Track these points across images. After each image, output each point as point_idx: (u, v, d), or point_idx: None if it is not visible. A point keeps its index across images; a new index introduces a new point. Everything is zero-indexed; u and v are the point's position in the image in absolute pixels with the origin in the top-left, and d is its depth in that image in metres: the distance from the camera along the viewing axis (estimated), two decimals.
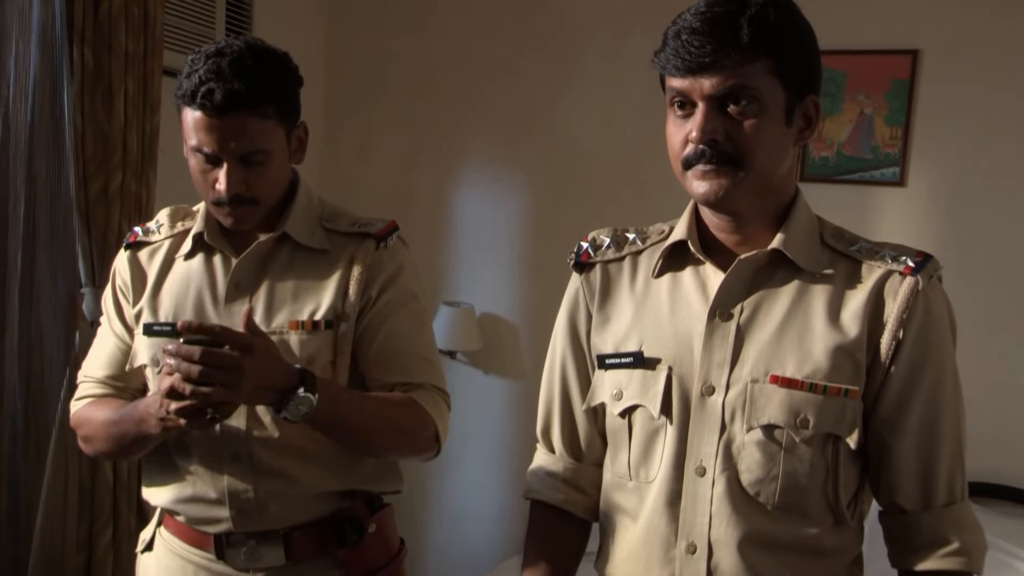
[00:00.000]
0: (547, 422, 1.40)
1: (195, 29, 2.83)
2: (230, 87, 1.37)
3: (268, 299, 1.51)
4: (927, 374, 1.18)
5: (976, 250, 2.80)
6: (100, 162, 2.30)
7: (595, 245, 1.35)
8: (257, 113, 1.40)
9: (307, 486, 1.51)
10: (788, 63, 1.14)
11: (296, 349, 1.48)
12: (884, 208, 2.91)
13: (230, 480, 1.49)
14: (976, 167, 2.83)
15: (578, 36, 3.25)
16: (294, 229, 1.53)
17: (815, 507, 1.19)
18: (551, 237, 3.30)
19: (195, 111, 1.40)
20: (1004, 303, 2.77)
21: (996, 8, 2.79)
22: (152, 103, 2.42)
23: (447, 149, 3.46)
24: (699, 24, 1.12)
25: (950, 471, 1.20)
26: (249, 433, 1.48)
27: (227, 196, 1.43)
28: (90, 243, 2.31)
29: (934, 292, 1.19)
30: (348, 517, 1.54)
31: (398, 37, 3.49)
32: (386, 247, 1.55)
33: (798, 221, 1.22)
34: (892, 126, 2.88)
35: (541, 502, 1.38)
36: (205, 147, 1.41)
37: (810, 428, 1.16)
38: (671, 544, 1.22)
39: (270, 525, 1.51)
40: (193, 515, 1.53)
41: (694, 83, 1.13)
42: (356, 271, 1.51)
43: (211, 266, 1.54)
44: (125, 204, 2.35)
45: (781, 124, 1.16)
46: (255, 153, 1.43)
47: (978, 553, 1.19)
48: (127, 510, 2.44)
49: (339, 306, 1.50)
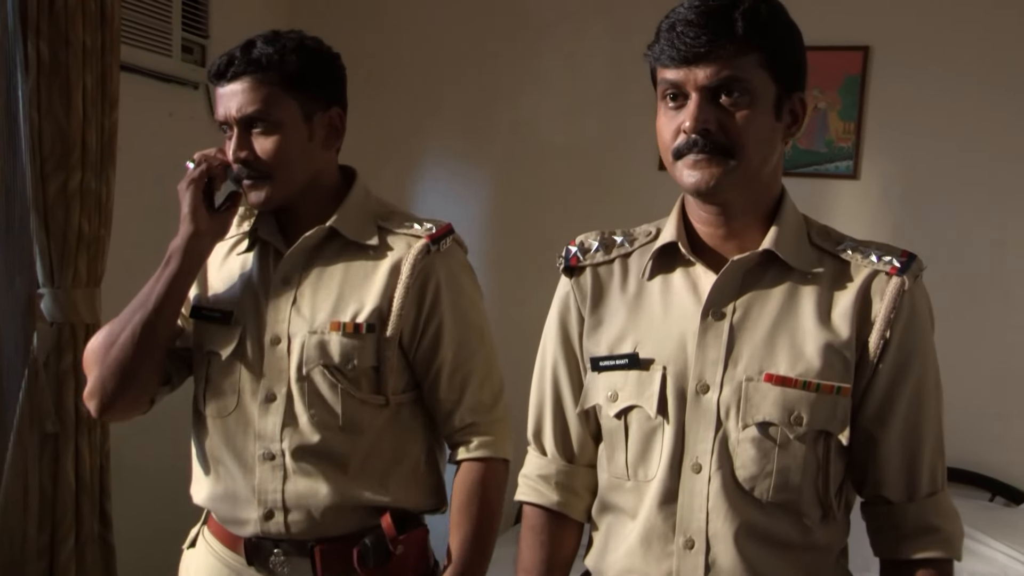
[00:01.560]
0: (539, 425, 1.39)
1: (152, 24, 2.78)
2: (232, 54, 1.45)
3: (312, 295, 1.49)
4: (912, 371, 1.22)
5: (928, 241, 2.86)
6: (58, 160, 2.24)
7: (583, 248, 1.35)
8: (256, 77, 1.43)
9: (339, 495, 1.47)
10: (779, 58, 1.17)
11: (335, 351, 1.46)
12: (838, 200, 2.98)
13: (261, 479, 1.48)
14: (926, 160, 2.91)
15: (539, 31, 3.27)
16: (343, 224, 1.50)
17: (807, 501, 1.22)
18: (513, 232, 3.32)
19: (215, 86, 1.47)
20: (955, 293, 2.85)
21: (944, 6, 2.88)
22: (111, 99, 2.37)
23: (408, 145, 3.45)
24: (694, 16, 1.14)
25: (932, 463, 1.24)
26: (284, 432, 1.47)
27: (232, 161, 1.45)
28: (48, 243, 2.25)
29: (918, 291, 1.23)
30: (375, 536, 1.49)
31: (357, 34, 3.46)
32: (439, 251, 1.51)
33: (787, 220, 1.24)
34: (845, 120, 2.95)
35: (535, 505, 1.38)
36: (218, 115, 1.47)
37: (803, 425, 1.19)
38: (669, 540, 1.23)
39: (297, 534, 1.48)
40: (224, 513, 1.52)
41: (688, 74, 1.15)
42: (404, 274, 1.47)
43: (265, 260, 1.54)
44: (85, 203, 2.29)
45: (771, 117, 1.18)
46: (257, 119, 1.44)
47: (958, 540, 1.23)
48: (90, 516, 2.39)
49: (384, 309, 1.47)
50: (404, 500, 1.52)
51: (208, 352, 1.52)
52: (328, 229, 1.50)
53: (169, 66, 2.86)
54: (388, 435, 1.52)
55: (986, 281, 2.88)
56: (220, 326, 1.51)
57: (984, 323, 2.87)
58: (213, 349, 1.52)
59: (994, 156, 2.87)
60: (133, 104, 2.58)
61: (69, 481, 2.33)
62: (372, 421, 1.50)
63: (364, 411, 1.49)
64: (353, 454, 1.48)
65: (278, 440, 1.47)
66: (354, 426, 1.48)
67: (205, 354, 1.53)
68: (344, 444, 1.48)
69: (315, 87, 1.49)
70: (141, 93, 2.74)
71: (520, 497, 1.39)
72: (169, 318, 1.48)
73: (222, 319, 1.51)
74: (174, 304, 1.47)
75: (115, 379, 1.48)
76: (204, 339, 1.53)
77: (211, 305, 1.53)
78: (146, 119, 2.77)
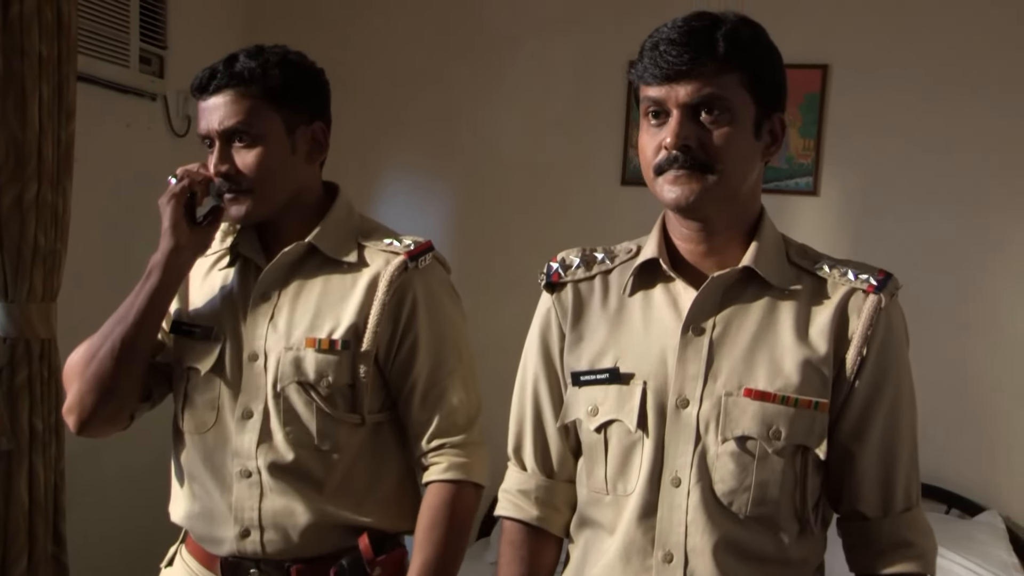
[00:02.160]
0: (519, 440, 1.40)
1: (110, 34, 2.74)
2: (214, 68, 1.45)
3: (289, 312, 1.48)
4: (889, 388, 1.23)
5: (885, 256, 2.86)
6: (13, 172, 2.19)
7: (564, 265, 1.36)
8: (238, 91, 1.43)
9: (315, 514, 1.46)
10: (759, 79, 1.19)
11: (310, 368, 1.45)
12: (798, 216, 3.01)
13: (238, 497, 1.46)
14: (885, 175, 2.97)
15: (502, 45, 3.28)
16: (322, 240, 1.49)
17: (784, 516, 1.23)
18: (476, 246, 3.31)
19: (197, 99, 1.46)
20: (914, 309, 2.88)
21: (901, 26, 2.94)
22: (68, 110, 2.32)
23: (369, 159, 3.43)
24: (676, 36, 1.17)
25: (907, 478, 1.25)
26: (259, 448, 1.46)
27: (214, 175, 1.44)
28: (2, 256, 2.20)
29: (894, 309, 1.26)
30: (352, 557, 1.46)
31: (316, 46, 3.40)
32: (417, 267, 1.49)
33: (766, 238, 1.26)
34: (805, 137, 2.99)
35: (515, 520, 1.38)
36: (199, 129, 1.46)
37: (782, 439, 1.20)
38: (648, 554, 1.24)
39: (273, 553, 1.46)
40: (200, 531, 1.50)
41: (670, 91, 1.17)
42: (381, 290, 1.46)
43: (245, 275, 1.52)
44: (41, 215, 2.25)
45: (750, 136, 1.20)
46: (238, 131, 1.44)
47: (931, 555, 1.25)
48: (44, 536, 2.33)
49: (359, 325, 1.46)
50: (382, 521, 1.51)
51: (187, 368, 1.51)
52: (307, 245, 1.49)
53: (127, 77, 2.83)
54: (365, 455, 1.50)
55: (943, 292, 2.92)
56: (200, 342, 1.50)
57: (938, 334, 2.91)
58: (192, 365, 1.50)
59: (952, 169, 2.93)
60: (90, 115, 2.54)
61: (22, 500, 2.28)
62: (348, 440, 1.48)
63: (340, 430, 1.47)
64: (330, 473, 1.47)
65: (254, 457, 1.46)
66: (330, 445, 1.46)
67: (184, 370, 1.52)
68: (320, 463, 1.46)
69: (298, 101, 1.48)
70: (98, 104, 2.70)
71: (500, 512, 1.40)
72: (149, 332, 1.46)
73: (202, 335, 1.50)
74: (154, 318, 1.46)
75: (94, 394, 1.45)
76: (184, 354, 1.52)
77: (191, 320, 1.52)
78: (103, 130, 2.73)
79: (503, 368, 1.45)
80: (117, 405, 1.48)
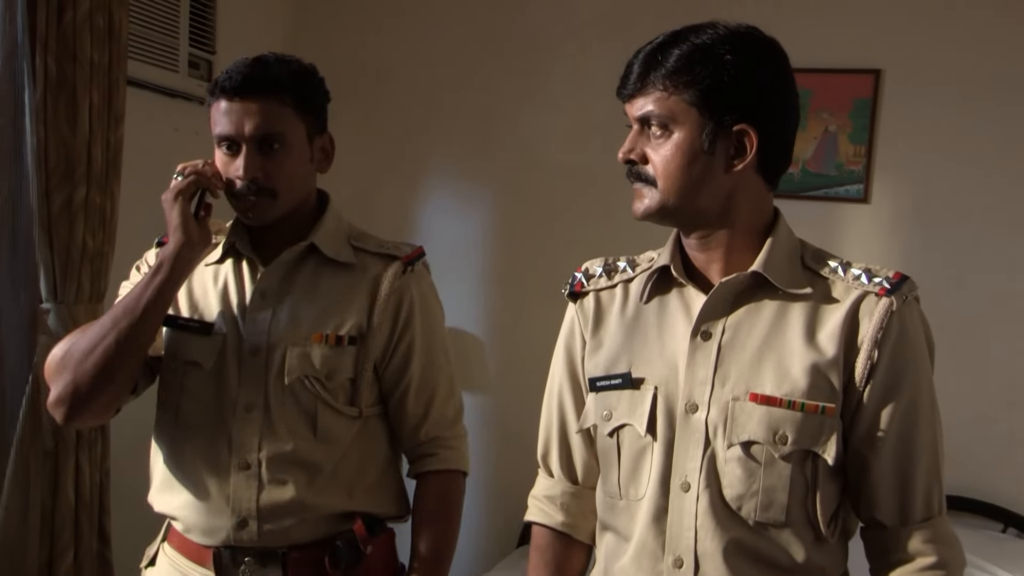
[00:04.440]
0: (546, 447, 1.44)
1: (159, 39, 2.79)
2: (248, 71, 1.47)
3: (292, 310, 1.53)
4: (903, 393, 1.21)
5: (939, 266, 2.85)
6: (63, 175, 2.23)
7: (587, 275, 1.40)
8: (273, 97, 1.47)
9: (311, 503, 1.51)
10: (711, 94, 1.19)
11: (318, 362, 1.51)
12: (848, 224, 2.96)
13: (235, 488, 1.50)
14: (938, 184, 2.89)
15: (543, 48, 3.27)
16: (322, 242, 1.56)
17: (796, 523, 1.22)
18: (516, 251, 3.31)
19: (219, 100, 1.47)
20: (966, 318, 2.83)
21: (955, 29, 2.87)
22: (117, 114, 2.37)
23: (410, 162, 3.45)
24: (634, 57, 1.24)
25: (927, 487, 1.23)
26: (261, 442, 1.50)
27: (244, 179, 1.47)
28: (52, 258, 2.24)
29: (909, 312, 1.23)
30: (346, 539, 1.53)
31: (361, 49, 3.47)
32: (412, 271, 1.59)
33: (778, 243, 1.26)
34: (856, 144, 2.93)
35: (542, 526, 1.42)
36: (225, 130, 1.47)
37: (788, 444, 1.20)
38: (658, 558, 1.25)
39: (269, 542, 1.50)
40: (194, 522, 1.52)
41: (628, 107, 1.25)
42: (383, 292, 1.55)
43: (239, 272, 1.57)
44: (89, 218, 2.29)
45: (698, 151, 1.21)
46: (271, 138, 1.47)
47: (956, 567, 1.22)
48: (89, 532, 2.37)
49: (363, 324, 1.53)
50: (370, 506, 1.58)
51: (186, 362, 1.54)
52: (308, 246, 1.55)
53: (176, 81, 2.87)
54: (357, 446, 1.57)
55: (997, 306, 2.85)
56: (199, 337, 1.53)
57: (994, 349, 2.84)
58: (193, 359, 1.54)
59: (1007, 181, 2.85)
60: (139, 119, 2.59)
61: (68, 497, 2.32)
62: (345, 432, 1.55)
63: (339, 422, 1.55)
64: (325, 463, 1.53)
65: (255, 450, 1.50)
66: (328, 436, 1.53)
67: (182, 364, 1.54)
68: (318, 453, 1.52)
69: (318, 111, 1.55)
70: (147, 108, 2.74)
71: (528, 518, 1.44)
72: (155, 325, 1.49)
73: (201, 330, 1.53)
74: (160, 312, 1.48)
75: (91, 384, 1.45)
76: (180, 349, 1.54)
77: (188, 315, 1.56)
78: (152, 134, 2.77)
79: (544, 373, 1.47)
80: (112, 396, 1.50)
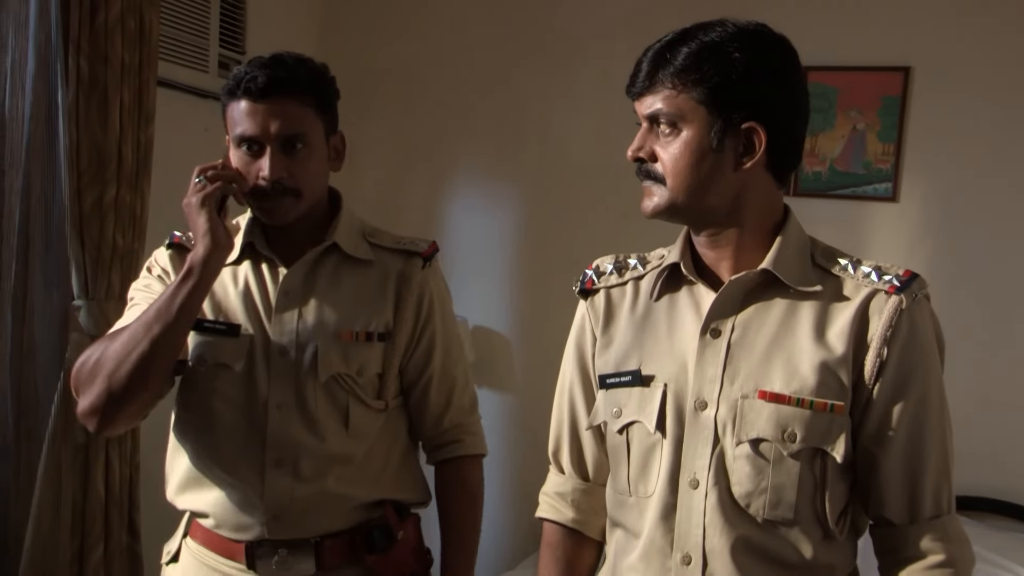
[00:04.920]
0: (557, 444, 1.45)
1: (190, 40, 2.82)
2: (271, 72, 1.48)
3: (319, 309, 1.55)
4: (912, 391, 1.21)
5: (968, 265, 2.82)
6: (94, 174, 2.27)
7: (598, 272, 1.41)
8: (297, 99, 1.48)
9: (343, 494, 1.54)
10: (720, 92, 1.19)
11: (349, 359, 1.54)
12: (876, 223, 2.93)
13: (270, 485, 1.51)
14: (968, 183, 2.85)
15: (571, 47, 3.26)
16: (342, 240, 1.58)
17: (804, 520, 1.22)
18: (543, 250, 3.31)
19: (239, 101, 1.47)
20: (996, 318, 2.79)
21: (986, 25, 2.83)
22: (147, 114, 2.40)
23: (438, 160, 3.46)
24: (643, 55, 1.25)
25: (936, 485, 1.23)
26: (295, 438, 1.52)
27: (270, 179, 1.47)
28: (84, 256, 2.28)
29: (919, 311, 1.22)
30: (378, 524, 1.57)
31: (390, 49, 3.49)
32: (430, 267, 1.62)
33: (788, 241, 1.26)
34: (884, 142, 2.90)
35: (553, 522, 1.43)
36: (249, 131, 1.47)
37: (797, 442, 1.20)
38: (667, 555, 1.25)
39: (303, 533, 1.53)
40: (226, 520, 1.54)
41: (638, 105, 1.26)
42: (407, 289, 1.58)
43: (259, 273, 1.58)
44: (119, 216, 2.33)
45: (706, 149, 1.21)
46: (296, 138, 1.49)
47: (964, 566, 1.22)
48: (119, 526, 2.41)
49: (390, 320, 1.57)
50: (396, 493, 1.62)
51: (216, 364, 1.55)
52: (330, 244, 1.57)
53: (206, 82, 2.90)
54: (383, 437, 1.61)
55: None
56: (226, 338, 1.54)
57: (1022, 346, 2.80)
58: (222, 361, 1.54)
59: None
60: (171, 119, 2.62)
61: (99, 492, 2.36)
62: (372, 425, 1.59)
63: (368, 416, 1.58)
64: (355, 455, 1.56)
65: (289, 446, 1.52)
66: (358, 430, 1.56)
67: (211, 366, 1.55)
68: (349, 446, 1.55)
69: (333, 110, 1.57)
70: (178, 109, 2.78)
71: (539, 514, 1.45)
72: (187, 330, 1.51)
73: (228, 331, 1.54)
74: (192, 316, 1.49)
75: (126, 391, 1.44)
76: (208, 351, 1.55)
77: (213, 317, 1.56)
78: (183, 134, 2.80)
79: None
80: (144, 403, 1.50)
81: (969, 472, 2.69)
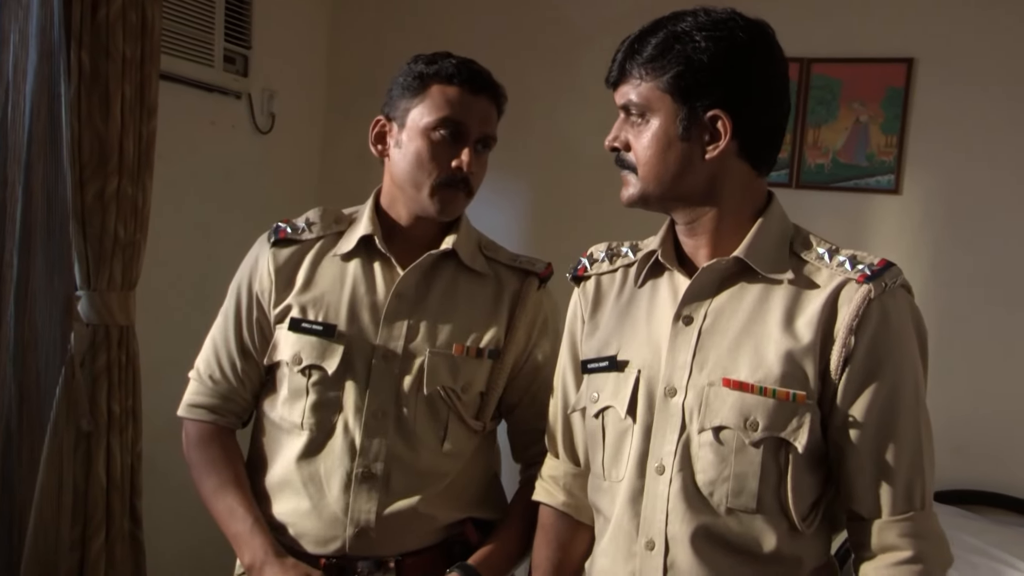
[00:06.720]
0: (552, 429, 1.47)
1: (194, 34, 2.85)
2: (478, 71, 1.52)
3: (432, 318, 1.50)
4: (882, 381, 1.18)
5: (971, 257, 2.80)
6: (96, 167, 2.30)
7: (591, 259, 1.43)
8: (495, 102, 1.53)
9: (430, 514, 1.50)
10: (682, 79, 1.20)
11: (457, 374, 1.49)
12: (879, 215, 2.91)
13: (356, 497, 1.47)
14: (971, 175, 2.83)
15: (576, 40, 3.27)
16: (461, 248, 1.53)
17: (769, 511, 1.21)
18: (548, 242, 3.30)
19: (454, 87, 1.47)
20: (998, 310, 2.77)
21: (989, 17, 2.80)
22: (149, 108, 2.43)
23: None
24: (620, 45, 1.28)
25: (908, 480, 1.20)
26: (389, 451, 1.47)
27: (467, 170, 1.48)
28: (86, 247, 2.31)
29: (892, 300, 1.20)
30: (459, 540, 1.54)
31: (398, 42, 3.49)
32: (545, 288, 1.59)
33: (766, 228, 1.25)
34: (887, 134, 2.88)
35: (545, 505, 1.45)
36: (460, 116, 1.47)
37: (759, 431, 1.19)
38: (633, 540, 1.26)
39: (384, 551, 1.48)
40: (306, 530, 1.50)
41: (615, 96, 1.28)
42: (521, 309, 1.54)
43: (371, 272, 1.53)
44: (121, 209, 2.35)
45: (673, 138, 1.22)
46: (490, 139, 1.53)
47: (935, 563, 1.19)
48: (120, 512, 2.44)
49: (501, 339, 1.52)
50: (479, 512, 1.59)
51: (309, 366, 1.49)
52: (446, 251, 1.52)
53: (211, 76, 2.93)
54: (475, 458, 1.57)
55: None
56: (323, 340, 1.49)
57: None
58: (316, 363, 1.49)
59: None
60: (176, 113, 2.65)
61: (100, 478, 2.39)
62: (468, 445, 1.54)
63: (465, 435, 1.53)
64: (447, 475, 1.51)
65: (381, 460, 1.47)
66: (454, 449, 1.52)
67: (305, 368, 1.50)
68: (442, 464, 1.51)
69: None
70: (184, 102, 2.81)
71: (534, 497, 1.47)
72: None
73: (324, 332, 1.48)
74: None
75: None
76: (303, 352, 1.50)
77: (312, 318, 1.51)
78: (189, 128, 2.84)
79: None
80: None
81: (972, 466, 2.67)
